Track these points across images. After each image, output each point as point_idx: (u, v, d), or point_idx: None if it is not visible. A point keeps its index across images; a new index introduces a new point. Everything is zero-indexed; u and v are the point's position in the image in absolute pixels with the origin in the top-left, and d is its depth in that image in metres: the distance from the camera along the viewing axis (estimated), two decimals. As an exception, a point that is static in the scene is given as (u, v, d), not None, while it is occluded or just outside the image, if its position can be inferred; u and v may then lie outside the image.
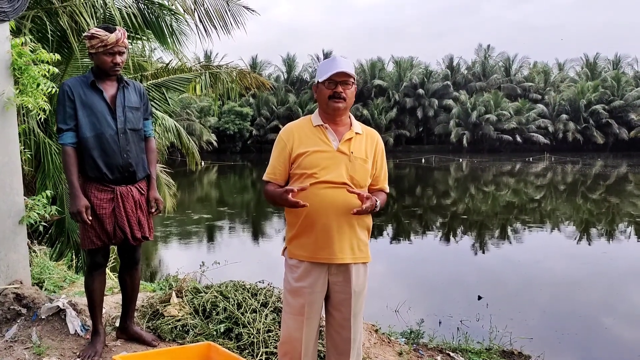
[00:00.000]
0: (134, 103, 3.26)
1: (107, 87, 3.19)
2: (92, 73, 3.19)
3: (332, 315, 2.58)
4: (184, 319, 3.66)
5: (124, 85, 3.24)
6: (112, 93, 3.20)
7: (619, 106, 54.52)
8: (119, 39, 3.08)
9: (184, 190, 23.08)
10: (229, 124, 52.65)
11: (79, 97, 3.09)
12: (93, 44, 3.07)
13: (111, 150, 3.12)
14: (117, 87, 3.22)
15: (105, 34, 3.06)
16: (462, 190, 24.82)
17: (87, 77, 3.18)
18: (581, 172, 33.62)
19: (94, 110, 3.10)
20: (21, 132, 4.42)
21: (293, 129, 2.58)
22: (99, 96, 3.14)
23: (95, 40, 3.06)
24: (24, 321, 3.52)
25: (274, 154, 2.58)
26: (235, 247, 12.12)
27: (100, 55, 3.09)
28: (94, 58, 3.15)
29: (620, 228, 14.45)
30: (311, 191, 2.43)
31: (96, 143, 3.10)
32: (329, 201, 2.43)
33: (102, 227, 3.15)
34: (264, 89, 9.27)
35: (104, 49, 3.07)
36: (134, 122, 3.24)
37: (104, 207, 3.14)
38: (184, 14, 6.61)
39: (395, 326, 5.01)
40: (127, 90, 3.25)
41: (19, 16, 4.12)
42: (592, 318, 7.04)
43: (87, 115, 3.09)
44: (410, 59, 61.96)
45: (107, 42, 3.05)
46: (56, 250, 5.99)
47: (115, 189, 3.16)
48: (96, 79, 3.16)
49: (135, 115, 3.25)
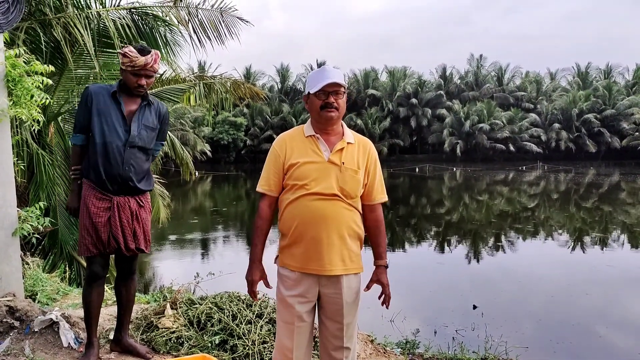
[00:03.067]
0: (151, 123, 3.31)
1: (129, 102, 3.25)
2: (119, 85, 3.25)
3: (326, 325, 2.58)
4: (178, 330, 3.64)
5: (147, 104, 3.30)
6: (133, 108, 3.25)
7: (611, 115, 54.98)
8: (147, 63, 3.15)
9: (178, 200, 23.01)
10: (223, 134, 52.65)
11: (97, 104, 3.16)
12: (124, 62, 3.16)
13: (114, 161, 3.16)
14: (140, 104, 3.28)
15: (136, 55, 3.13)
16: (456, 199, 24.86)
17: (112, 87, 3.26)
18: (574, 180, 33.78)
19: (108, 119, 3.16)
20: (14, 144, 4.40)
21: (286, 140, 2.58)
22: (116, 107, 3.20)
23: (126, 59, 3.15)
24: (16, 334, 3.49)
25: (268, 165, 2.58)
26: (230, 257, 12.06)
27: (128, 73, 3.17)
28: (122, 73, 3.22)
29: (614, 236, 14.50)
30: (301, 202, 2.44)
31: (102, 150, 3.15)
32: (319, 213, 2.44)
33: (98, 235, 3.18)
34: (257, 99, 9.28)
35: (132, 69, 3.14)
36: (146, 140, 3.28)
37: (100, 215, 3.17)
38: (178, 25, 6.63)
39: (390, 336, 4.99)
40: (148, 109, 3.31)
41: (13, 28, 4.12)
42: (587, 327, 7.04)
43: (100, 123, 3.15)
44: (403, 68, 62.36)
45: (135, 63, 3.12)
46: (49, 262, 5.95)
47: (113, 199, 3.19)
48: (120, 91, 3.23)
49: (149, 134, 3.30)
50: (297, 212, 2.45)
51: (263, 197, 2.58)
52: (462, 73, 64.43)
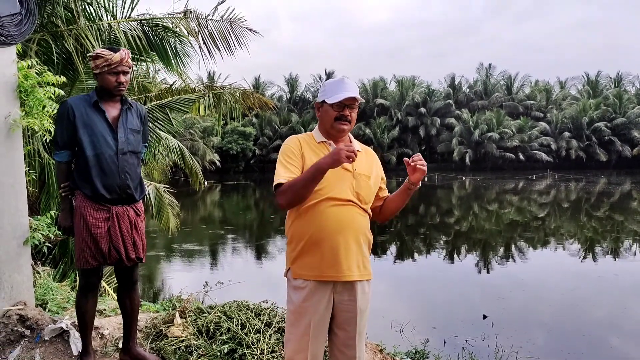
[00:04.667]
0: (136, 126, 3.28)
1: (110, 108, 3.21)
2: (96, 93, 3.20)
3: (337, 335, 2.55)
4: (187, 339, 3.64)
5: (128, 107, 3.27)
6: (115, 114, 3.21)
7: (621, 124, 54.61)
8: (122, 58, 3.12)
9: (187, 210, 23.09)
10: (232, 143, 52.85)
11: (80, 117, 3.10)
12: (98, 64, 3.11)
13: (109, 171, 3.12)
14: (120, 109, 3.24)
15: (110, 53, 3.11)
16: (466, 208, 24.76)
17: (90, 97, 3.19)
18: (585, 189, 33.53)
19: (95, 130, 3.11)
20: (26, 154, 4.45)
21: (300, 140, 2.57)
22: (100, 116, 3.15)
23: (99, 60, 3.10)
24: (27, 342, 3.51)
25: (285, 158, 2.50)
26: (239, 266, 12.07)
27: (105, 74, 3.13)
28: (98, 78, 3.17)
29: (626, 246, 14.36)
30: (317, 209, 2.43)
31: (95, 162, 3.10)
32: (335, 219, 2.43)
33: (98, 246, 3.14)
34: (266, 108, 9.32)
35: (108, 68, 3.11)
36: (134, 144, 3.25)
37: (99, 226, 3.14)
38: (188, 36, 6.70)
39: (399, 346, 4.97)
40: (130, 112, 3.27)
41: (26, 39, 4.19)
42: (599, 337, 6.96)
43: (87, 135, 3.10)
44: (412, 78, 62.44)
45: (111, 61, 3.09)
46: (59, 271, 5.98)
47: (111, 209, 3.16)
48: (99, 99, 3.18)
49: (136, 137, 3.27)
50: (313, 218, 2.42)
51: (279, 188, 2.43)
52: (471, 82, 64.44)
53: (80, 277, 3.33)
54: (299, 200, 2.41)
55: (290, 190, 2.38)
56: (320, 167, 2.32)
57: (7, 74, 3.69)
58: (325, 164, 2.30)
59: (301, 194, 2.38)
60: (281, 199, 2.42)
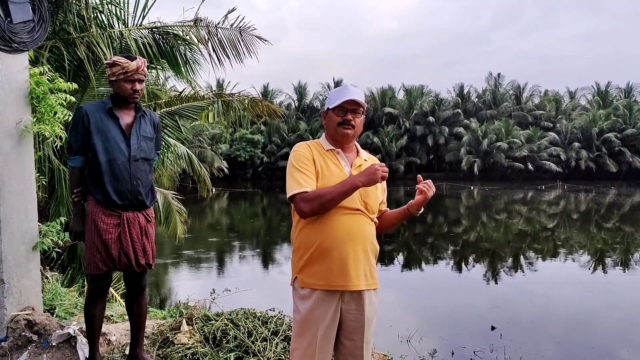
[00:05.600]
0: (149, 133, 3.32)
1: (124, 115, 3.25)
2: (111, 100, 3.25)
3: (344, 344, 2.53)
4: (194, 347, 3.64)
5: (142, 115, 3.31)
6: (129, 121, 3.25)
7: (632, 134, 54.23)
8: (139, 66, 3.18)
9: (195, 217, 23.14)
10: (240, 151, 53.03)
11: (95, 123, 3.14)
12: (114, 71, 3.16)
13: (122, 177, 3.15)
14: (134, 116, 3.28)
15: (127, 61, 3.15)
16: (474, 218, 24.64)
17: (105, 103, 3.24)
18: (595, 200, 33.28)
19: (108, 137, 3.15)
20: (37, 159, 4.48)
21: (310, 146, 2.57)
22: (114, 123, 3.19)
23: (116, 67, 3.15)
24: (34, 348, 3.52)
25: (301, 165, 2.46)
26: (246, 274, 12.06)
27: (121, 82, 3.17)
28: (113, 85, 3.21)
29: (636, 257, 14.21)
30: (326, 217, 2.42)
31: (108, 168, 3.14)
32: (344, 228, 2.42)
33: (108, 252, 3.16)
34: (275, 116, 9.34)
35: (124, 76, 3.15)
36: (147, 151, 3.29)
37: (110, 232, 3.16)
38: (198, 44, 6.73)
39: (407, 356, 4.94)
40: (144, 120, 3.31)
41: (38, 46, 4.23)
42: (608, 350, 6.88)
43: (101, 141, 3.14)
44: (420, 87, 62.46)
45: (127, 69, 3.14)
46: (68, 277, 6.00)
47: (122, 215, 3.19)
48: (114, 106, 3.23)
49: (148, 145, 3.31)
50: (322, 226, 2.41)
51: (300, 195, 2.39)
52: (479, 91, 64.35)
53: (89, 283, 3.34)
54: (324, 210, 2.41)
55: (317, 200, 2.38)
56: (354, 184, 2.37)
57: (19, 81, 3.73)
58: (360, 182, 2.36)
59: (329, 206, 2.40)
60: (306, 207, 2.39)
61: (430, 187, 2.49)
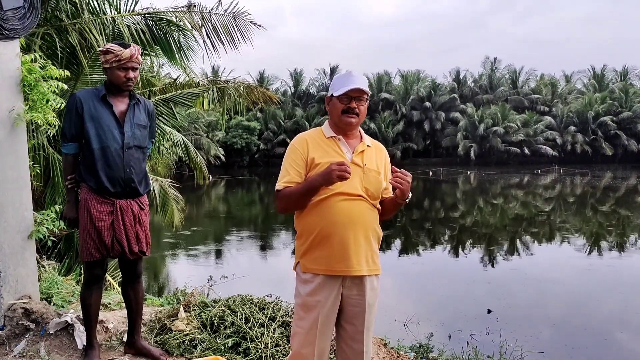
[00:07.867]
0: (143, 121, 3.30)
1: (118, 103, 3.23)
2: (105, 87, 3.23)
3: (345, 329, 2.54)
4: (191, 333, 3.65)
5: (135, 102, 3.29)
6: (123, 109, 3.23)
7: (627, 118, 54.30)
8: (132, 54, 3.15)
9: (192, 204, 23.13)
10: (236, 138, 52.88)
11: (88, 110, 3.13)
12: (107, 59, 3.13)
13: (115, 164, 3.14)
14: (128, 104, 3.26)
15: (120, 49, 3.13)
16: (471, 203, 24.71)
17: (98, 90, 3.22)
18: (590, 184, 33.40)
19: (102, 124, 3.13)
20: (30, 148, 4.45)
21: (306, 138, 2.56)
22: (108, 110, 3.17)
23: (110, 55, 3.12)
24: (32, 336, 3.53)
25: (289, 162, 2.52)
26: (243, 261, 12.10)
27: (114, 70, 3.15)
28: (107, 73, 3.19)
29: (631, 240, 14.30)
30: (327, 203, 2.42)
31: (101, 155, 3.12)
32: (345, 214, 2.42)
33: (101, 239, 3.16)
34: (271, 103, 9.30)
35: (117, 64, 3.13)
36: (141, 139, 3.28)
37: (103, 219, 3.15)
38: (192, 30, 6.67)
39: (404, 340, 4.96)
40: (138, 108, 3.29)
41: (29, 33, 4.18)
42: (604, 332, 6.95)
43: (94, 128, 3.12)
44: (417, 72, 62.16)
45: (121, 57, 3.11)
46: (65, 265, 6.01)
47: (115, 202, 3.18)
48: (107, 93, 3.21)
49: (142, 133, 3.29)
50: (323, 212, 2.42)
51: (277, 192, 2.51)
52: (476, 76, 64.16)
53: (84, 270, 3.35)
54: (294, 209, 2.52)
55: (285, 199, 2.48)
56: (312, 184, 2.40)
57: (10, 68, 3.70)
58: (317, 182, 2.38)
59: (295, 205, 2.50)
60: (278, 205, 2.52)
61: (404, 179, 2.39)
